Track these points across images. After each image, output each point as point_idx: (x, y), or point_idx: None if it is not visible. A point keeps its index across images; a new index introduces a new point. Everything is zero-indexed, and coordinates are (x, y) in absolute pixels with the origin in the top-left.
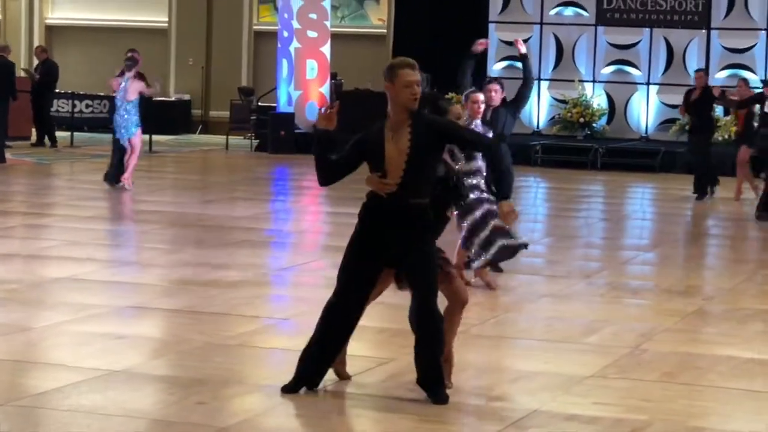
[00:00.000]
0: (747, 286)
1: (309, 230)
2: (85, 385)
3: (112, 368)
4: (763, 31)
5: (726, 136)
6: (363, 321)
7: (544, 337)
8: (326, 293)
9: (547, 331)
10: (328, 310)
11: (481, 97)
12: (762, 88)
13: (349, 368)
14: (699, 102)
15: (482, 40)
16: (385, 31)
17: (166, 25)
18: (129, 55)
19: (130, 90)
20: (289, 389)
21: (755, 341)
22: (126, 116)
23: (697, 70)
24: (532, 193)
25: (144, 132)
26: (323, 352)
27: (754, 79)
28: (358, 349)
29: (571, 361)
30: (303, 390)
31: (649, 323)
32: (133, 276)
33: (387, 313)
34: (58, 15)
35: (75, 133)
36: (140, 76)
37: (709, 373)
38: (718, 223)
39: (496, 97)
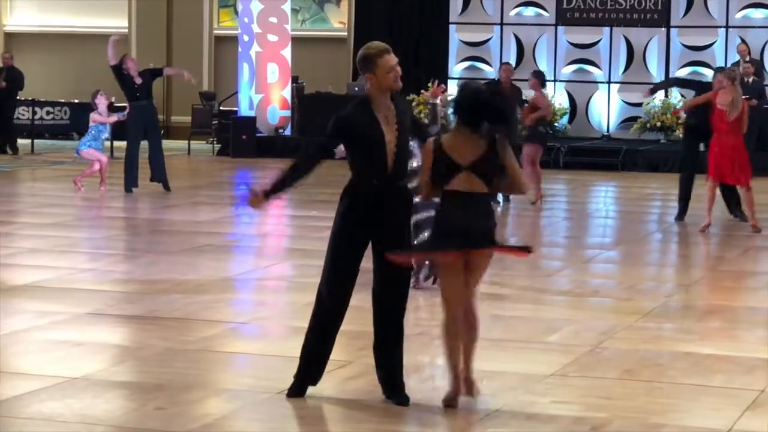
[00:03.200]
0: (706, 283)
1: (271, 234)
2: (45, 393)
3: (72, 375)
4: (722, 29)
5: None
6: None
7: (504, 336)
8: (289, 296)
9: (508, 330)
10: (321, 302)
11: None
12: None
13: None
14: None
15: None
16: (345, 33)
17: (126, 30)
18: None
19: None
20: (294, 392)
21: (714, 337)
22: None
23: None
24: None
25: (107, 139)
26: (324, 346)
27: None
28: None
29: (531, 360)
30: (263, 396)
31: (610, 321)
32: (94, 282)
33: (348, 315)
34: (17, 21)
35: (36, 141)
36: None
37: (669, 369)
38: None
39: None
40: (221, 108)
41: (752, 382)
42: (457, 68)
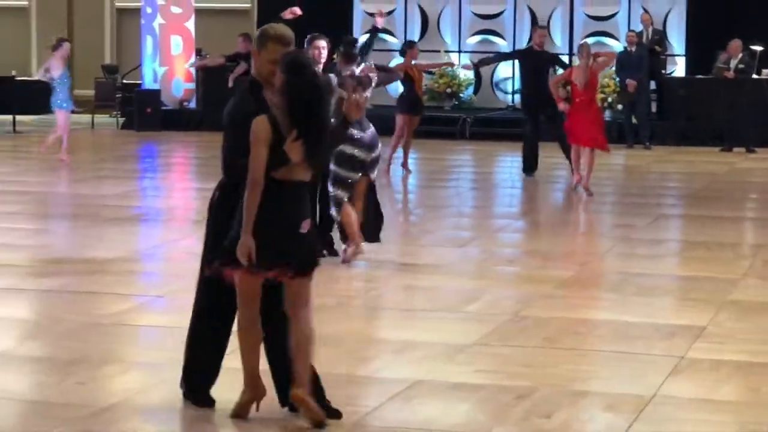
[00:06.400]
0: (619, 251)
1: (178, 207)
2: None
3: None
4: None
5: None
6: None
7: (422, 306)
8: (197, 269)
9: (427, 300)
10: None
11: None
12: None
13: None
14: None
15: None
16: (249, 5)
17: (27, 3)
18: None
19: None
20: None
21: (631, 305)
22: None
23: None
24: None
25: (6, 112)
26: None
27: (617, 45)
28: None
29: (451, 330)
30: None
31: (526, 290)
32: (4, 257)
33: None
34: None
35: None
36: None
37: (589, 337)
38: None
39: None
40: (124, 81)
41: (672, 347)
42: (361, 39)
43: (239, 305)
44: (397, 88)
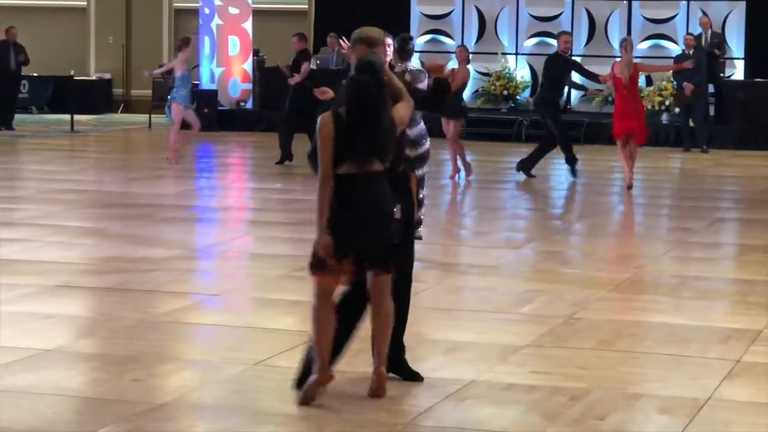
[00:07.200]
0: (675, 254)
1: (235, 206)
2: (18, 365)
3: (45, 347)
4: (684, 2)
5: (649, 107)
6: (295, 295)
7: (477, 308)
8: (253, 269)
9: (481, 301)
10: None
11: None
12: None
13: (281, 343)
14: None
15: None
16: (306, 6)
17: (85, 3)
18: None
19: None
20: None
21: (686, 308)
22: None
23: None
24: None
25: (64, 111)
26: None
27: (675, 48)
28: (289, 324)
29: (506, 331)
30: (239, 368)
31: (582, 292)
32: (61, 255)
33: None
34: None
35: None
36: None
37: (645, 340)
38: (643, 192)
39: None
40: None
41: (727, 351)
42: (419, 41)
43: (314, 299)
44: None
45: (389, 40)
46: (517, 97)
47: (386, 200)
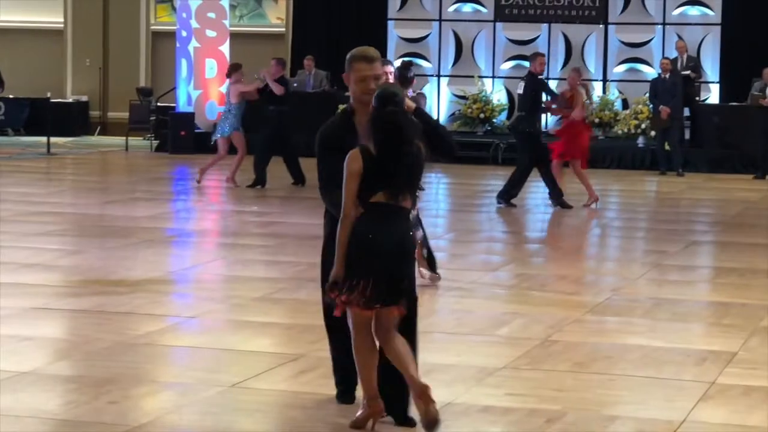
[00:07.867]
0: (651, 277)
1: (211, 229)
2: None
3: (21, 370)
4: (659, 26)
5: (625, 130)
6: (271, 317)
7: (453, 330)
8: (229, 291)
9: (457, 324)
10: None
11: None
12: None
13: (258, 365)
14: None
15: None
16: (284, 29)
17: (62, 25)
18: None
19: (231, 93)
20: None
21: (662, 330)
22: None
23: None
24: (434, 189)
25: (41, 134)
26: None
27: (651, 72)
28: (265, 345)
29: (482, 353)
30: (215, 389)
31: (558, 315)
32: (37, 277)
33: (296, 308)
34: None
35: None
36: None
37: (620, 362)
38: (619, 215)
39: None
40: (159, 104)
41: (702, 373)
42: (395, 64)
43: (352, 331)
44: None
45: (390, 68)
46: (494, 120)
47: (408, 239)
